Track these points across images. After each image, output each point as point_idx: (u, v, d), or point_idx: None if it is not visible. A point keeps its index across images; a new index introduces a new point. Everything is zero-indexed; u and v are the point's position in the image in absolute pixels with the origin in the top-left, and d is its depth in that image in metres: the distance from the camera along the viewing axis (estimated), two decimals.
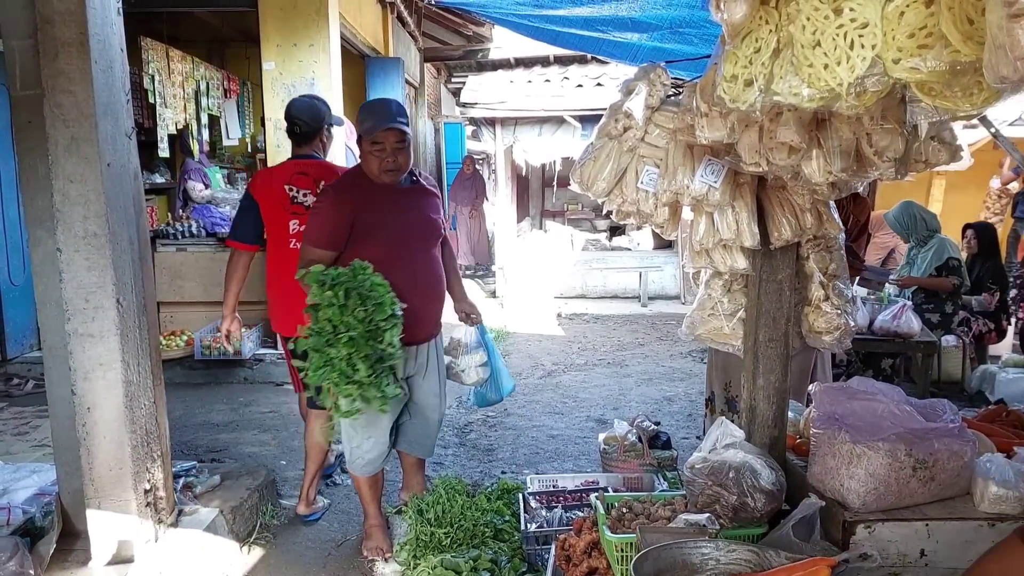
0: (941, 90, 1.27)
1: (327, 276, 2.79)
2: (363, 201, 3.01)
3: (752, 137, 1.74)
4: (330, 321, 2.75)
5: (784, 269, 2.27)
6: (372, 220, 3.01)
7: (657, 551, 1.62)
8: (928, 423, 2.04)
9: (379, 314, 2.79)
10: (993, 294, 5.46)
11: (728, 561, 1.63)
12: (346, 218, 2.97)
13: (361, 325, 2.74)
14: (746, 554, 1.62)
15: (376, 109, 3.04)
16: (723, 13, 1.41)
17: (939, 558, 1.98)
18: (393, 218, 3.06)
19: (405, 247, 3.08)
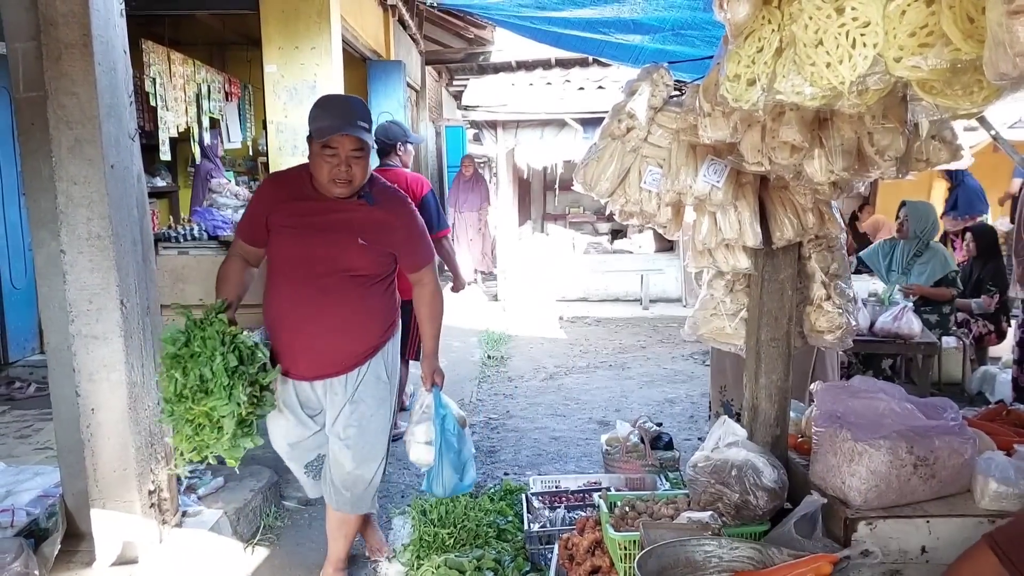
0: (942, 88, 1.28)
1: (175, 337, 2.56)
2: (283, 201, 2.67)
3: (755, 136, 1.75)
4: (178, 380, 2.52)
5: (786, 269, 2.28)
6: (282, 224, 2.66)
7: (660, 548, 1.63)
8: (929, 421, 2.05)
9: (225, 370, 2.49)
10: (993, 296, 5.46)
11: (731, 558, 1.64)
12: (261, 213, 2.70)
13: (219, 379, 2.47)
14: (749, 551, 1.63)
15: (334, 107, 2.66)
16: (726, 13, 1.42)
17: (940, 555, 1.99)
18: (306, 232, 2.64)
19: (307, 268, 2.64)
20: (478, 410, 5.77)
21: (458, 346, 7.53)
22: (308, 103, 6.14)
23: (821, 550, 1.85)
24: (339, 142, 2.54)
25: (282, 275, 2.69)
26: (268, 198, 2.70)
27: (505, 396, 6.10)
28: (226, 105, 8.17)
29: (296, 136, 6.20)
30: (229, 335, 2.53)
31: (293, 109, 6.28)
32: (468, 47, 10.96)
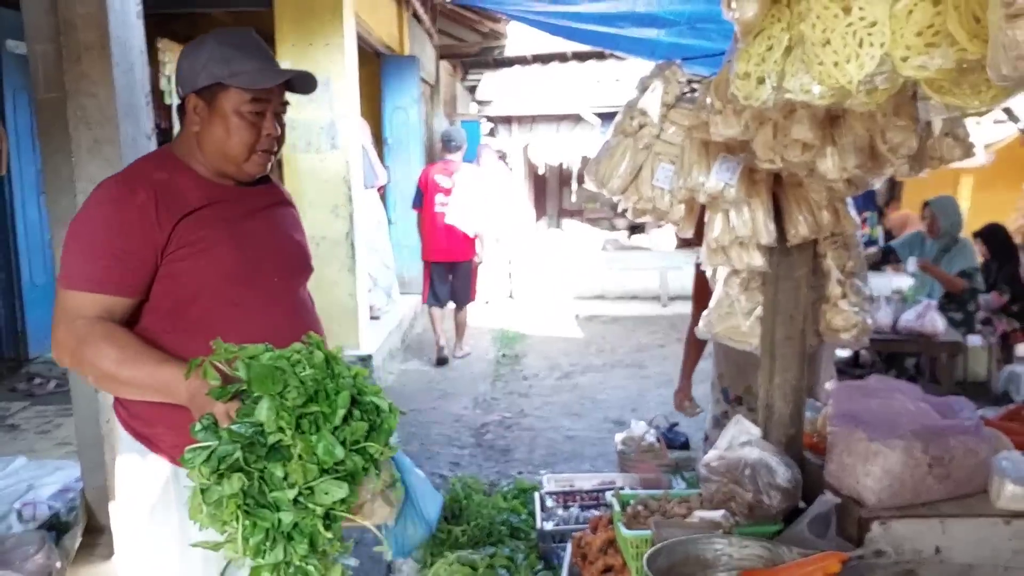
0: (950, 87, 1.27)
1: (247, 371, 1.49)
2: (180, 213, 1.72)
3: (766, 134, 1.74)
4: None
5: (801, 267, 2.26)
6: (204, 236, 1.74)
7: (671, 546, 1.63)
8: (944, 420, 2.03)
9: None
10: (1002, 294, 5.41)
11: (741, 556, 1.64)
12: (146, 245, 1.69)
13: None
14: (759, 550, 1.63)
15: (250, 45, 1.79)
16: (735, 12, 1.42)
17: (954, 554, 1.97)
18: (241, 234, 1.81)
19: (259, 286, 1.82)
20: (492, 408, 5.80)
21: (472, 344, 7.55)
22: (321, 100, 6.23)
23: (833, 549, 1.84)
24: (269, 95, 1.77)
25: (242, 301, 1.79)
26: (149, 219, 1.69)
27: (520, 395, 6.11)
28: None
29: (310, 132, 6.22)
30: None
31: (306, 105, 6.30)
32: (483, 41, 10.95)
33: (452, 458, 4.71)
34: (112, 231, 1.66)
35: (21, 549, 2.94)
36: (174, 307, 1.71)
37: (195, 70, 1.74)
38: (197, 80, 1.74)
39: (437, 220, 7.07)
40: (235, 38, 1.80)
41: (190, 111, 1.76)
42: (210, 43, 1.77)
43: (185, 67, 1.76)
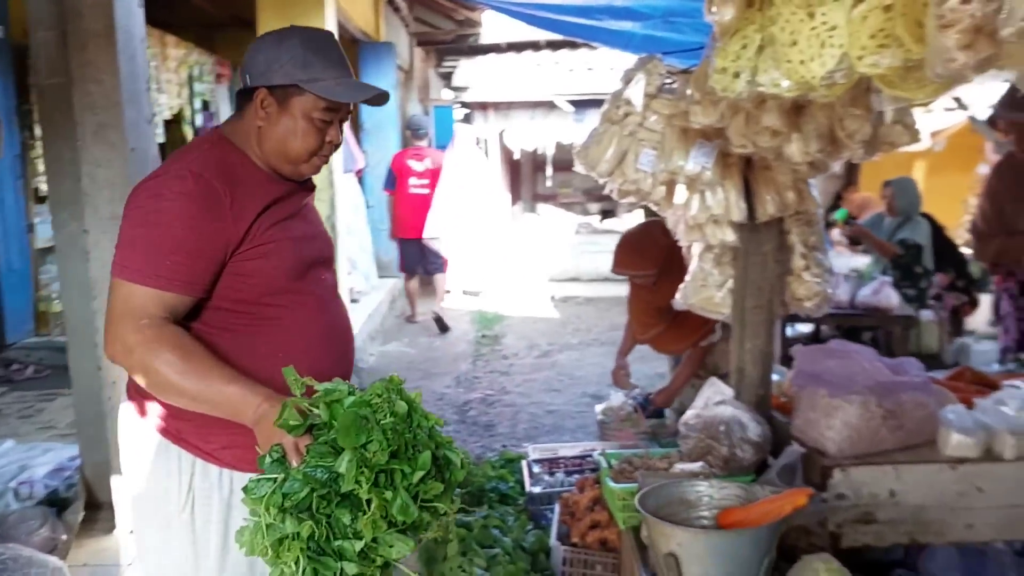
0: (898, 82, 1.48)
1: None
2: (254, 207, 1.71)
3: (740, 122, 1.95)
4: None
5: (769, 242, 2.49)
6: (271, 236, 1.73)
7: (658, 489, 1.84)
8: (896, 377, 2.27)
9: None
10: (948, 274, 5.73)
11: (720, 497, 1.85)
12: (220, 242, 1.66)
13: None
14: (736, 490, 1.85)
15: (329, 48, 1.76)
16: (715, 15, 1.61)
17: (906, 497, 2.21)
18: (296, 234, 1.80)
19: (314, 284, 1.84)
20: (474, 387, 5.98)
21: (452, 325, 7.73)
22: None
23: None
24: (340, 105, 1.75)
25: (308, 296, 1.81)
26: (225, 218, 1.66)
27: (500, 373, 6.31)
28: (216, 88, 8.27)
29: None
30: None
31: None
32: (458, 29, 11.05)
33: None
34: (187, 228, 1.60)
35: (25, 524, 3.04)
36: (235, 306, 1.69)
37: (271, 65, 1.69)
38: (272, 76, 1.69)
39: (410, 201, 7.85)
40: (318, 42, 1.75)
41: (256, 104, 1.71)
42: (293, 42, 1.72)
43: (260, 59, 1.71)
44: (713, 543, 1.63)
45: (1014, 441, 2.24)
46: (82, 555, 2.94)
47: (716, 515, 1.80)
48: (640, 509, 1.77)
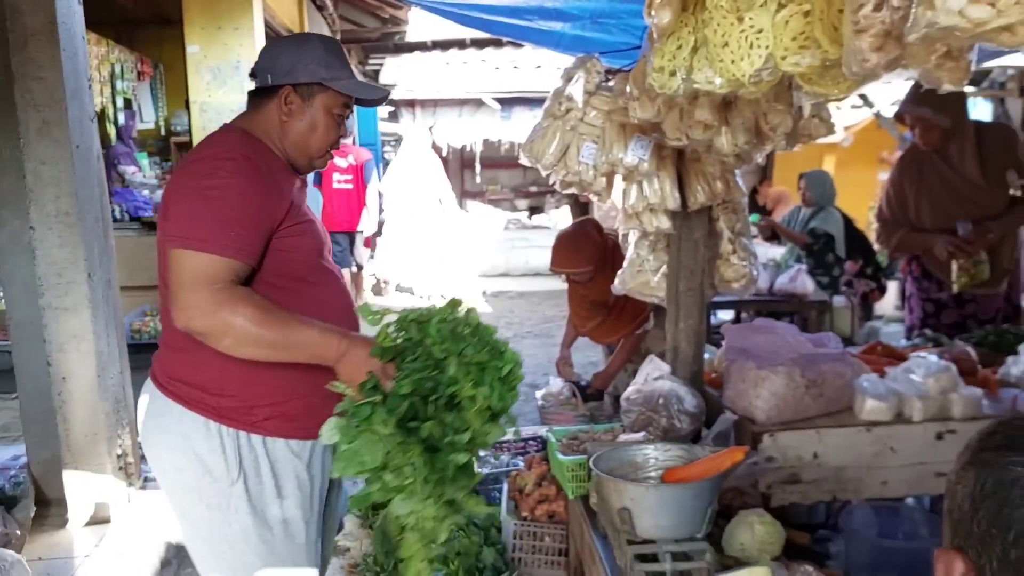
0: (816, 80, 1.67)
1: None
2: (288, 189, 1.88)
3: (675, 117, 2.12)
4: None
5: (699, 229, 2.68)
6: (301, 217, 1.90)
7: (609, 453, 2.00)
8: (817, 350, 2.50)
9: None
10: (857, 262, 6.13)
11: (665, 458, 2.02)
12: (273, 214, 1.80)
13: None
14: (679, 451, 2.02)
15: (338, 51, 1.95)
16: (653, 19, 1.77)
17: (828, 458, 2.44)
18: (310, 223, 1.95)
19: (327, 266, 2.00)
20: None
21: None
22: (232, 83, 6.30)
23: None
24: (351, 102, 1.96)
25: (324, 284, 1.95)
26: (275, 193, 1.81)
27: None
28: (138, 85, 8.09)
29: (221, 116, 6.27)
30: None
31: (217, 89, 6.36)
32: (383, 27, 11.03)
33: None
34: (245, 202, 1.72)
35: None
36: (278, 280, 1.80)
37: (296, 65, 1.84)
38: (297, 75, 1.84)
39: (335, 196, 8.12)
40: (334, 46, 1.95)
41: (280, 101, 1.84)
42: (315, 44, 1.89)
43: (284, 60, 1.84)
44: (662, 496, 1.80)
45: (921, 405, 2.50)
46: (35, 550, 2.91)
47: (662, 474, 1.97)
48: (595, 469, 1.93)
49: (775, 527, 2.06)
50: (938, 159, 3.63)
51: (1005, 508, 0.80)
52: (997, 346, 3.06)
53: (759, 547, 2.03)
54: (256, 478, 1.84)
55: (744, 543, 2.03)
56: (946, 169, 3.62)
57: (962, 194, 3.61)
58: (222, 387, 1.79)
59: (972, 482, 0.85)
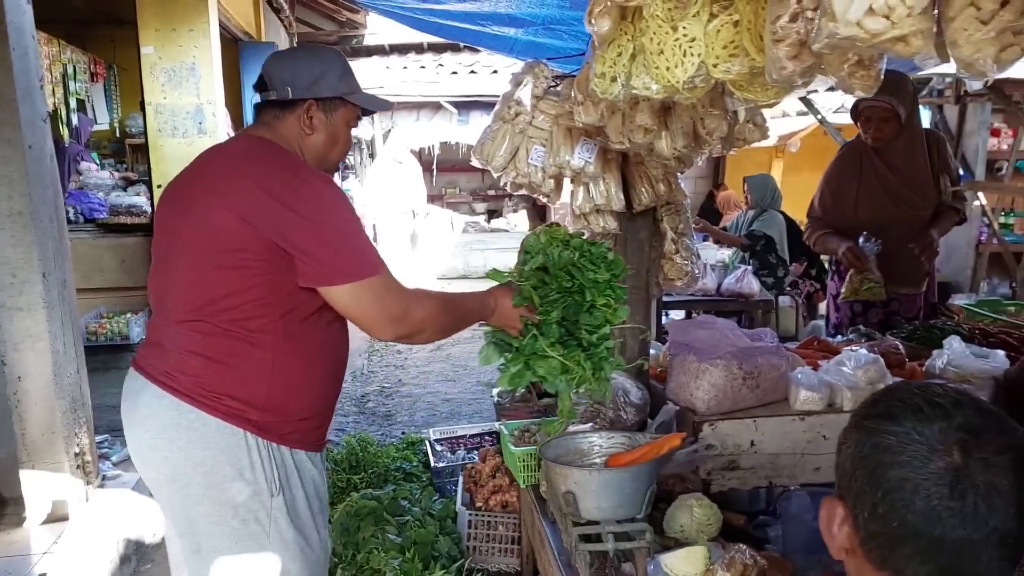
0: (746, 86, 1.78)
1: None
2: None
3: (617, 121, 2.23)
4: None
5: (644, 229, 2.80)
6: None
7: (556, 441, 2.09)
8: (754, 343, 2.62)
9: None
10: (801, 263, 6.35)
11: (609, 446, 2.12)
12: None
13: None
14: (622, 439, 2.12)
15: (349, 66, 2.05)
16: (594, 27, 1.87)
17: (764, 446, 2.56)
18: None
19: None
20: (371, 380, 6.11)
21: None
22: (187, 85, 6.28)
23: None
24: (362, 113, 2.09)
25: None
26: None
27: (396, 367, 6.46)
28: (92, 86, 8.00)
29: (176, 117, 6.25)
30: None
31: (172, 91, 6.32)
32: (341, 30, 11.04)
33: (336, 425, 5.00)
34: (356, 220, 1.90)
35: None
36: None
37: (318, 80, 1.92)
38: (319, 90, 1.93)
39: None
40: (343, 57, 2.04)
41: (303, 114, 1.92)
42: (332, 58, 1.98)
43: (304, 73, 1.92)
44: (603, 479, 1.89)
45: (851, 395, 2.64)
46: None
47: (606, 460, 2.07)
48: (542, 456, 2.02)
49: (712, 510, 2.18)
50: (875, 156, 3.76)
51: (878, 469, 0.94)
52: (925, 340, 3.23)
53: (697, 528, 2.14)
54: (290, 490, 1.89)
55: (684, 525, 2.15)
56: (882, 166, 3.76)
57: (897, 192, 3.76)
58: (267, 401, 1.83)
59: (854, 444, 0.99)
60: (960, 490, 0.89)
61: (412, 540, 2.77)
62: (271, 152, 1.88)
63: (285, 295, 1.81)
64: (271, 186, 1.78)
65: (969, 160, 7.17)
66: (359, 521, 2.91)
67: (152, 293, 1.97)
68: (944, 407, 0.94)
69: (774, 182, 6.42)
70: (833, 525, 1.00)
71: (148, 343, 1.94)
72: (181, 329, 1.83)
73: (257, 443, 1.84)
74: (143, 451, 1.88)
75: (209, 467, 1.81)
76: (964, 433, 0.91)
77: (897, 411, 0.96)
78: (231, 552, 1.87)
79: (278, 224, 1.75)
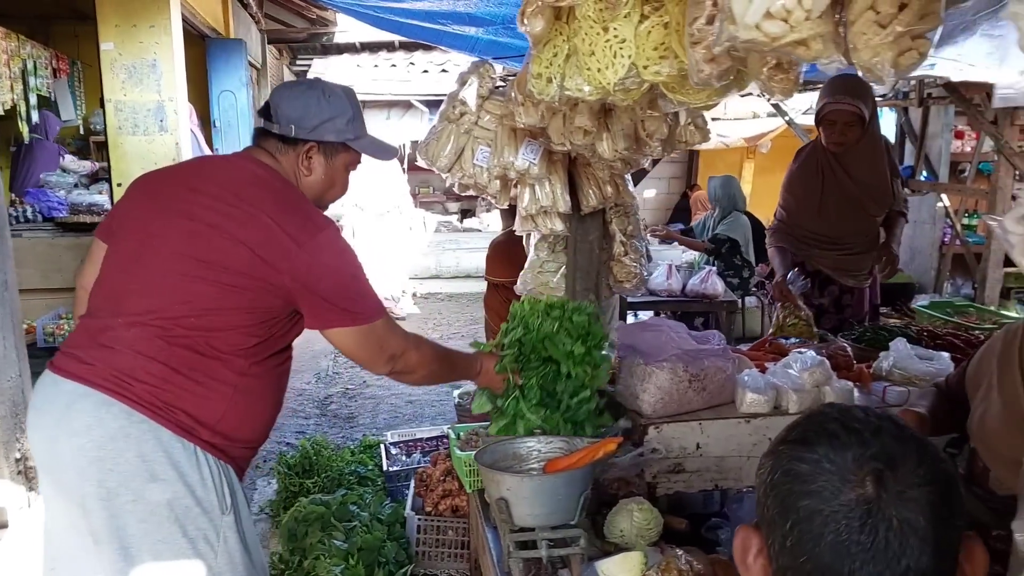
0: (678, 88, 1.77)
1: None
2: None
3: (558, 122, 2.21)
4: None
5: (594, 231, 2.78)
6: None
7: (494, 447, 2.07)
8: (700, 346, 2.61)
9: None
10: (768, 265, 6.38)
11: (547, 450, 2.10)
12: None
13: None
14: (560, 443, 2.10)
15: (359, 108, 2.09)
16: (527, 27, 1.85)
17: (710, 449, 2.56)
18: None
19: None
20: (335, 382, 6.05)
21: None
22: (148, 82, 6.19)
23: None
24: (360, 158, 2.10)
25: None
26: None
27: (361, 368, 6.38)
28: (55, 83, 7.87)
29: (136, 115, 6.15)
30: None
31: (132, 87, 6.22)
32: (311, 27, 10.94)
33: (298, 428, 4.95)
34: (362, 268, 1.96)
35: None
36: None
37: (324, 123, 1.95)
38: (323, 133, 1.95)
39: None
40: (355, 100, 2.07)
41: (302, 155, 1.96)
42: (342, 103, 1.99)
43: (312, 114, 1.94)
44: (536, 485, 1.87)
45: (797, 397, 2.64)
46: None
47: (544, 465, 2.05)
48: (478, 461, 2.00)
49: (653, 514, 2.17)
50: (836, 161, 3.78)
51: (788, 498, 0.88)
52: (874, 342, 3.24)
53: (637, 533, 2.12)
54: (237, 509, 1.89)
55: (623, 529, 2.13)
56: (842, 172, 3.78)
57: (858, 198, 3.78)
58: (219, 424, 1.83)
59: (768, 471, 0.93)
60: (871, 524, 0.83)
61: (358, 546, 2.74)
62: (284, 188, 1.91)
63: (265, 325, 1.85)
64: (291, 229, 1.80)
65: (933, 162, 7.23)
66: (307, 527, 2.88)
67: (102, 290, 1.88)
68: (861, 433, 0.89)
69: (737, 183, 6.45)
70: (748, 555, 0.94)
71: (84, 345, 1.83)
72: (143, 333, 1.77)
73: (207, 459, 1.82)
74: (81, 464, 1.76)
75: (160, 481, 1.75)
76: (880, 463, 0.85)
77: (812, 437, 0.91)
78: (177, 571, 1.80)
79: (294, 266, 1.79)
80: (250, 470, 3.94)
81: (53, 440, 1.80)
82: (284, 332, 1.91)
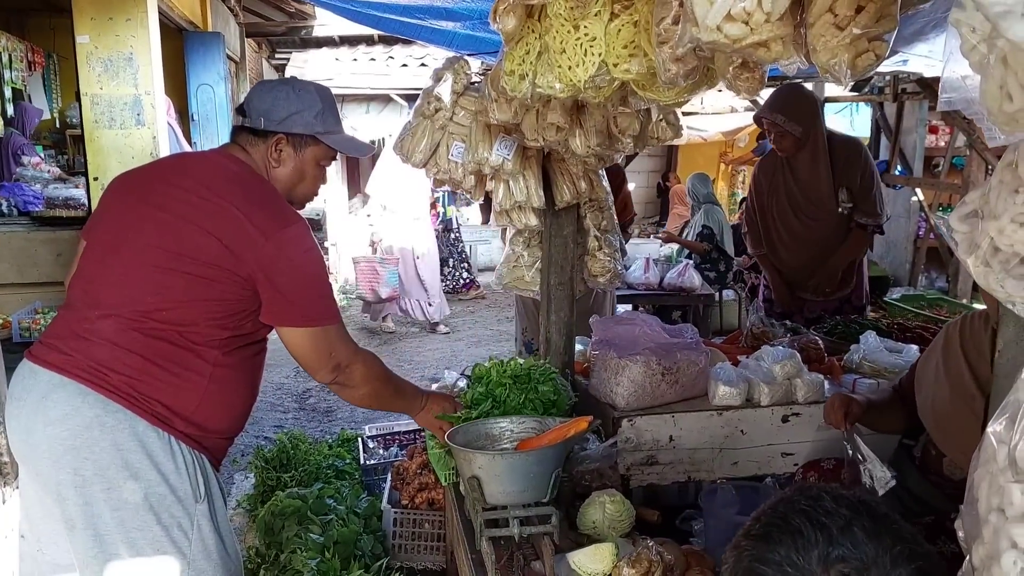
0: (648, 86, 1.79)
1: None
2: None
3: (531, 118, 2.22)
4: None
5: (568, 226, 2.80)
6: None
7: (466, 427, 2.11)
8: (673, 339, 2.65)
9: None
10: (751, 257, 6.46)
11: (520, 431, 2.13)
12: None
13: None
14: (532, 424, 2.13)
15: (333, 103, 2.09)
16: (499, 25, 1.86)
17: (683, 441, 2.60)
18: None
19: None
20: None
21: None
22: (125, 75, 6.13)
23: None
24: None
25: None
26: None
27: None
28: (30, 76, 7.78)
29: (113, 108, 6.10)
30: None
31: (108, 81, 6.16)
32: (290, 20, 10.86)
33: (276, 422, 4.95)
34: (326, 269, 2.00)
35: None
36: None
37: (292, 115, 1.97)
38: (292, 125, 1.97)
39: None
40: (328, 97, 2.07)
41: (271, 147, 1.98)
42: (312, 95, 2.01)
43: (280, 106, 1.97)
44: (507, 463, 1.90)
45: (768, 390, 2.68)
46: None
47: (516, 445, 2.08)
48: (448, 443, 2.03)
49: (625, 505, 2.20)
50: (786, 167, 3.86)
51: None
52: (845, 336, 3.30)
53: (609, 524, 2.15)
54: (211, 498, 1.91)
55: (595, 521, 2.16)
56: (790, 178, 3.86)
57: (799, 204, 3.86)
58: (194, 415, 1.86)
59: (731, 565, 0.89)
60: None
61: (334, 539, 2.75)
62: (256, 182, 1.94)
63: (235, 317, 1.87)
64: (259, 221, 1.83)
65: (908, 156, 7.32)
66: (283, 520, 2.89)
67: (80, 281, 1.91)
68: (829, 530, 0.82)
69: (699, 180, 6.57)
70: None
71: (63, 335, 1.86)
72: (119, 325, 1.80)
73: (182, 448, 1.86)
74: (57, 452, 1.79)
75: (135, 470, 1.78)
76: (849, 567, 0.79)
77: (775, 533, 0.85)
78: (151, 559, 1.82)
79: (260, 259, 1.82)
80: (227, 464, 3.95)
81: (29, 429, 1.82)
82: (256, 325, 1.93)
